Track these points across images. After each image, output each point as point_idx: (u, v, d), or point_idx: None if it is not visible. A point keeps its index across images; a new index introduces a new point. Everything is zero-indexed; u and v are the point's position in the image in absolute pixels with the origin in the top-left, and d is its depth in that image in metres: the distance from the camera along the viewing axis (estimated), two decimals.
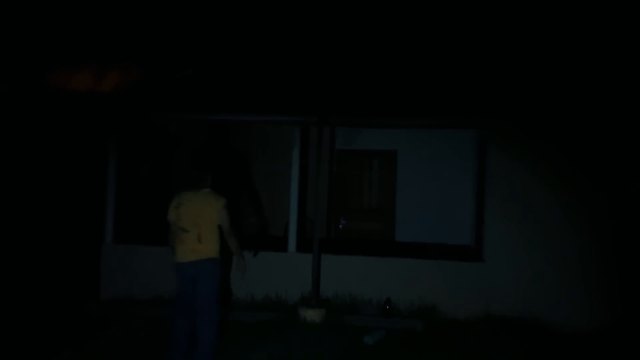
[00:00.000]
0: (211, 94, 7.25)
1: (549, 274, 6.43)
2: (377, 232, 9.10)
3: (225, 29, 7.84)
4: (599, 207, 6.42)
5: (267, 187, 9.28)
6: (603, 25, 6.92)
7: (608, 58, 6.71)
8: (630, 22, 6.80)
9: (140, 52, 7.60)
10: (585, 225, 6.43)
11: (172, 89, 7.31)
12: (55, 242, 7.25)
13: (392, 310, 6.48)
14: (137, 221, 7.70)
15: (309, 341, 5.52)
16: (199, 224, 4.75)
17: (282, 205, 7.84)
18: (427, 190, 8.75)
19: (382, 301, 6.55)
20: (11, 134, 7.03)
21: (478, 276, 6.57)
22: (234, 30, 7.86)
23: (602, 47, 6.78)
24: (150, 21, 7.73)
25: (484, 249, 6.73)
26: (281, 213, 8.25)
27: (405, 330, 5.97)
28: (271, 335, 5.66)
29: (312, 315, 6.16)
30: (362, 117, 6.98)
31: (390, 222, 9.02)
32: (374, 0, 7.84)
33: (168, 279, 5.12)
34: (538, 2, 7.20)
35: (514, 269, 6.50)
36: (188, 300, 4.74)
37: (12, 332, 5.66)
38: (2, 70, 7.14)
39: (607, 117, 6.36)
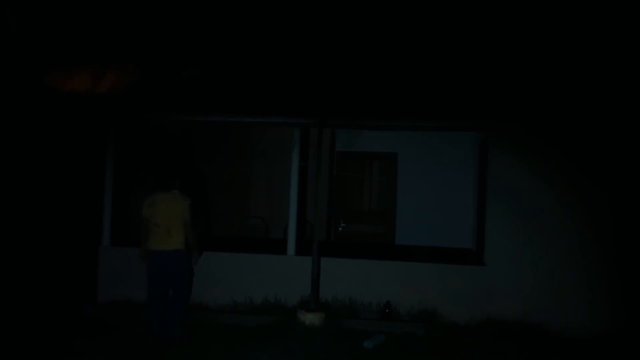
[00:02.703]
0: (210, 96, 7.21)
1: (551, 278, 6.37)
2: (377, 235, 9.05)
3: (224, 30, 7.80)
4: (603, 211, 6.35)
5: (266, 189, 9.26)
6: (601, 27, 6.88)
7: (608, 58, 6.66)
8: (628, 24, 6.76)
9: (138, 53, 7.56)
10: (589, 228, 6.36)
11: (171, 90, 7.27)
12: (52, 244, 7.19)
13: (392, 314, 6.43)
14: (135, 223, 7.63)
15: (308, 345, 5.47)
16: (168, 220, 5.58)
17: (282, 208, 7.79)
18: (428, 193, 8.71)
19: (382, 305, 6.50)
20: (8, 134, 6.99)
21: (479, 280, 6.52)
22: (234, 32, 7.82)
23: (603, 47, 6.73)
24: (149, 22, 7.69)
25: (485, 252, 6.67)
26: (281, 215, 8.21)
27: (405, 335, 5.92)
28: (270, 339, 5.62)
29: (311, 318, 6.11)
30: (363, 119, 6.93)
31: (391, 225, 8.97)
32: (375, 1, 7.80)
33: None
34: (541, 4, 7.15)
35: (516, 272, 6.44)
36: (158, 285, 5.60)
37: (10, 335, 5.61)
38: None
39: (611, 117, 6.30)
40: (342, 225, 9.11)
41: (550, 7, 7.07)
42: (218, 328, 5.95)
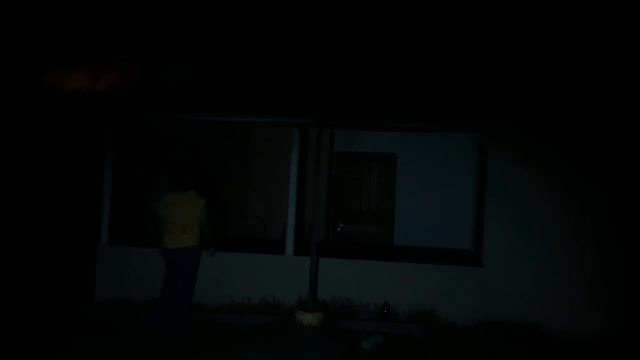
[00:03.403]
0: (209, 95, 7.20)
1: (550, 280, 6.36)
2: (375, 236, 9.05)
3: (223, 29, 7.80)
4: (601, 212, 6.35)
5: (265, 189, 9.26)
6: (600, 28, 6.87)
7: (607, 60, 6.66)
8: (629, 25, 6.75)
9: (137, 52, 7.55)
10: (587, 230, 6.36)
11: (170, 89, 7.26)
12: (50, 243, 7.19)
13: (390, 314, 6.43)
14: (133, 222, 7.64)
15: (306, 346, 5.47)
16: (183, 219, 5.85)
17: (281, 208, 7.79)
18: (427, 193, 8.71)
19: (380, 305, 6.49)
20: (7, 133, 6.99)
21: (477, 281, 6.51)
22: (233, 31, 7.82)
23: (601, 49, 6.73)
24: (148, 21, 7.69)
25: (483, 253, 6.67)
26: (279, 215, 8.21)
27: (403, 335, 5.91)
28: (268, 340, 5.62)
29: (309, 319, 6.10)
30: (362, 120, 6.93)
31: (389, 225, 8.97)
32: (373, 2, 7.80)
33: None
34: (540, 4, 7.15)
35: (514, 274, 6.44)
36: (171, 276, 5.90)
37: (7, 334, 5.60)
38: None
39: (609, 119, 6.30)
40: (340, 225, 9.11)
41: (549, 8, 7.07)
42: (216, 328, 5.96)
